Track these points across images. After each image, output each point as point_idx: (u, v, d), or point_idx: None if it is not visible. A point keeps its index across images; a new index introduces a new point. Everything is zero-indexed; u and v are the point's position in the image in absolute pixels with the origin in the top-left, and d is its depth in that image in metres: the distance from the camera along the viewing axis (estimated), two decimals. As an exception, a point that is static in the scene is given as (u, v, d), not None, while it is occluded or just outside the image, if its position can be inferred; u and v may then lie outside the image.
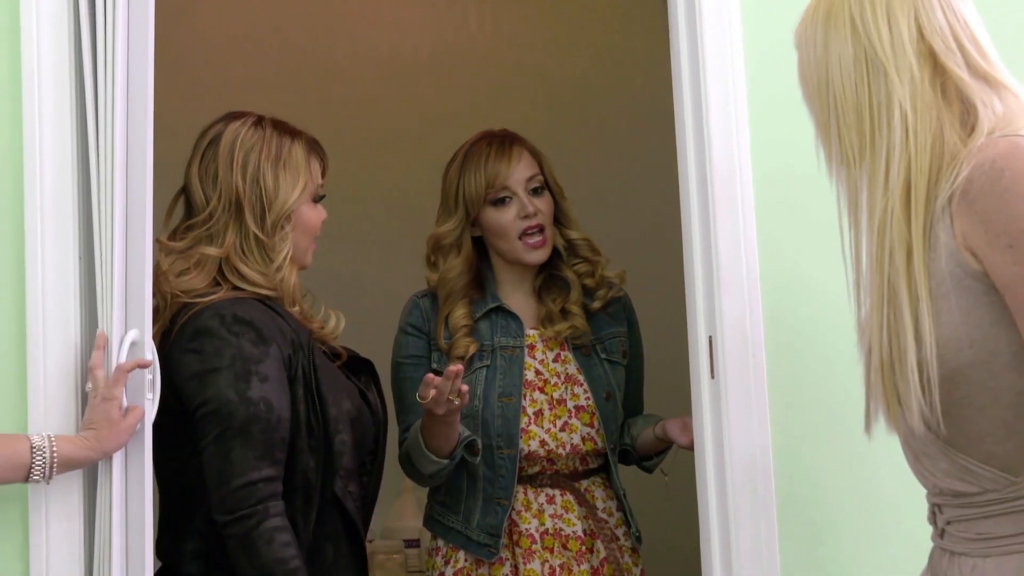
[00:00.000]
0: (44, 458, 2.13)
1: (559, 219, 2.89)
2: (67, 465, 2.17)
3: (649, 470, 2.89)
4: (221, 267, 2.40)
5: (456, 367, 2.53)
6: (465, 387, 2.56)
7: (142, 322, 2.23)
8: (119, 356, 2.21)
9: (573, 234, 2.87)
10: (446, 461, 2.68)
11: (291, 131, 2.50)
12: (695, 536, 2.54)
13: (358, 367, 2.58)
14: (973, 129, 1.79)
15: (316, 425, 2.35)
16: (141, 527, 2.21)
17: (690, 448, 2.64)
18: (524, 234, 2.80)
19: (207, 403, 2.29)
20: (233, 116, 2.49)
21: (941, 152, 1.78)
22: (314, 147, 2.53)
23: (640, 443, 2.84)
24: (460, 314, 2.79)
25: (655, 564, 3.10)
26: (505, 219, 2.81)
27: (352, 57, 4.84)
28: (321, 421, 2.36)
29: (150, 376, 2.23)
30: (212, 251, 2.38)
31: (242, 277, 2.39)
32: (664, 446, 2.82)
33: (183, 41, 4.57)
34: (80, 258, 2.30)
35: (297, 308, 2.45)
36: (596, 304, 2.86)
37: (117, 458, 2.21)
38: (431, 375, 2.56)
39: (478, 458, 2.72)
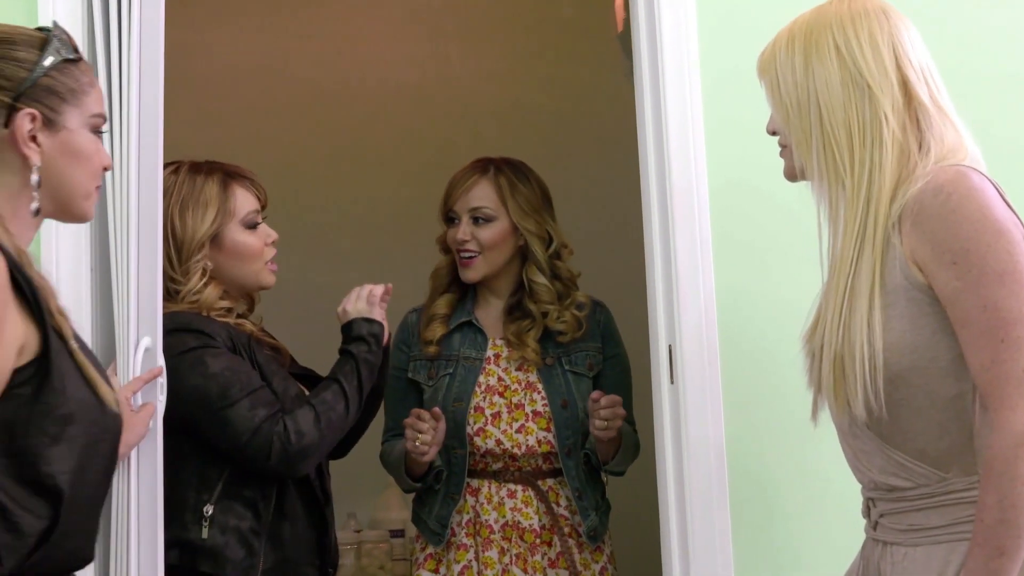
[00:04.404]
0: None
1: (527, 257, 2.85)
2: None
3: (613, 473, 2.83)
4: None
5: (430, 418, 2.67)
6: (438, 411, 2.69)
7: (154, 330, 2.21)
8: (135, 360, 2.18)
9: (537, 278, 2.83)
10: (419, 484, 2.78)
11: (206, 169, 2.46)
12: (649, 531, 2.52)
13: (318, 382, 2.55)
14: (926, 154, 1.79)
15: None
16: (153, 514, 2.19)
17: (602, 432, 2.66)
18: (459, 253, 2.83)
19: (181, 399, 2.24)
20: (166, 167, 2.44)
21: (905, 173, 1.78)
22: (235, 177, 2.48)
23: (596, 447, 2.77)
24: (441, 303, 2.86)
25: (627, 548, 3.09)
26: (450, 237, 2.86)
27: (345, 87, 4.85)
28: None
29: (161, 380, 2.20)
30: None
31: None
32: (613, 446, 2.74)
33: (196, 72, 4.57)
34: (92, 269, 2.28)
35: (228, 320, 2.42)
36: (563, 338, 2.82)
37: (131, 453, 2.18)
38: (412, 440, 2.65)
39: (439, 484, 2.77)
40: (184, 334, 2.30)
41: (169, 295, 2.37)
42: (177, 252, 2.39)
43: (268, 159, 2.63)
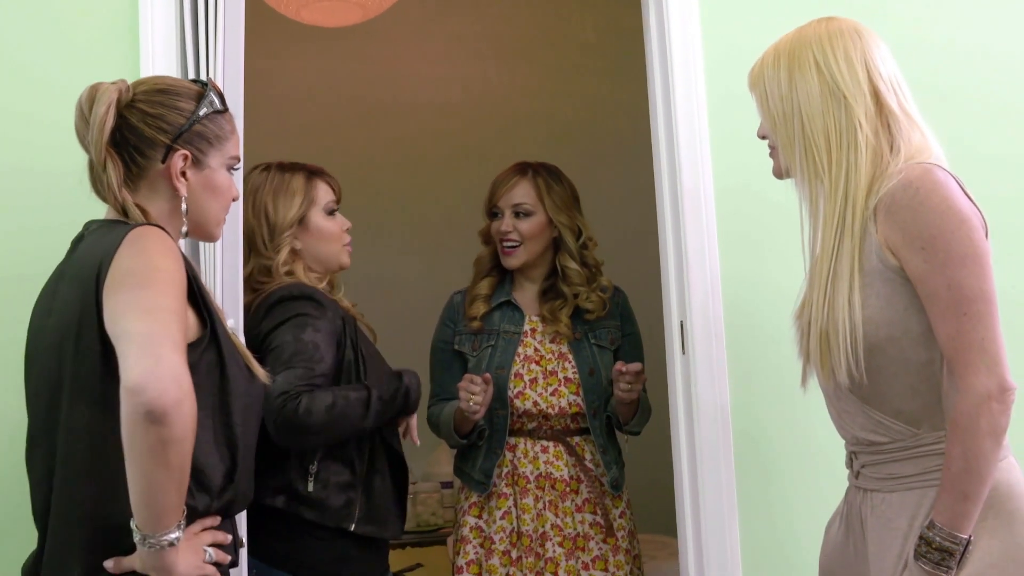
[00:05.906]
0: None
1: (559, 247, 2.92)
2: None
3: (631, 433, 2.90)
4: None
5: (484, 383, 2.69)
6: (488, 376, 2.71)
7: (236, 312, 2.32)
8: None
9: (570, 264, 2.90)
10: (465, 441, 2.82)
11: (291, 167, 2.58)
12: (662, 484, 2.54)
13: None
14: (896, 154, 1.81)
15: (363, 380, 2.42)
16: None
17: (625, 394, 2.71)
18: (501, 243, 2.89)
19: (271, 348, 2.31)
20: (254, 168, 2.57)
21: (879, 171, 1.80)
22: (316, 174, 2.59)
23: (618, 410, 2.83)
24: (483, 285, 2.94)
25: (644, 498, 3.16)
26: (494, 228, 2.94)
27: (398, 104, 4.91)
28: (364, 378, 2.42)
29: None
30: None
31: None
32: (632, 409, 2.81)
33: (272, 93, 4.63)
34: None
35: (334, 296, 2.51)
36: (589, 316, 2.91)
37: None
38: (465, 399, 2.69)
39: (482, 441, 2.83)
40: (307, 301, 2.39)
41: (264, 272, 2.46)
42: (270, 232, 2.49)
43: (333, 166, 2.67)
